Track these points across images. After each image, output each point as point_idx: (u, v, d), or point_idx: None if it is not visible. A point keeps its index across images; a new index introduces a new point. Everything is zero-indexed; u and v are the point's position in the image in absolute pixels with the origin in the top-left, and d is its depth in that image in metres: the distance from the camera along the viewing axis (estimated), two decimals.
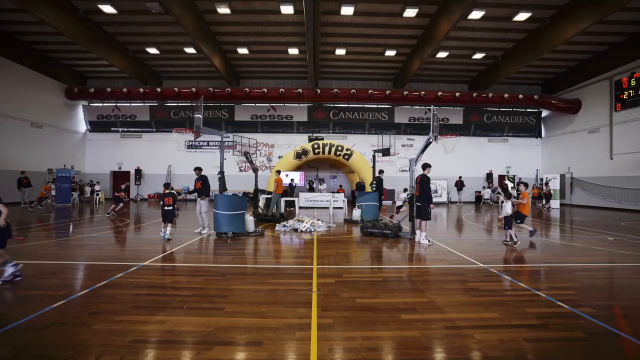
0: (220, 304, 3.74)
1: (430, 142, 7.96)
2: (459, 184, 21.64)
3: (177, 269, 5.24)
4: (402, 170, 23.57)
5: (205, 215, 8.90)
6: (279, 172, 12.25)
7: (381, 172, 12.23)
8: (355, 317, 3.44)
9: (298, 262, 5.83)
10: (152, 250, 6.61)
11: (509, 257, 6.56)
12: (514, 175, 23.61)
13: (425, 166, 7.75)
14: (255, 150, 13.52)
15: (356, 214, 11.21)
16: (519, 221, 7.98)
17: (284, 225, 9.50)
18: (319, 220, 10.09)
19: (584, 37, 16.24)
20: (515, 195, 9.52)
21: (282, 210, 13.12)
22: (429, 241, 7.55)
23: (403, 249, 7.16)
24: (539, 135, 24.27)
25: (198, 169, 9.22)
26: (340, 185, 23.02)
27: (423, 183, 7.62)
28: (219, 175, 8.39)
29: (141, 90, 20.74)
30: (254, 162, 12.02)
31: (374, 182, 11.68)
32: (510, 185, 20.80)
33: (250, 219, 8.58)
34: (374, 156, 11.82)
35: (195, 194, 8.93)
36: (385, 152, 11.66)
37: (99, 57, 18.30)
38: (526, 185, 8.24)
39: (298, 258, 6.26)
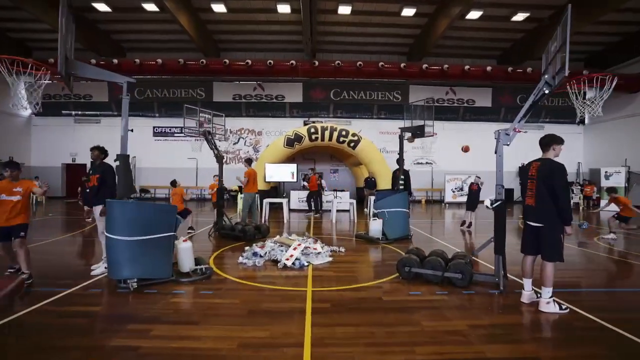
0: None
1: (545, 93, 3.85)
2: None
3: None
4: (418, 163, 19.46)
5: (103, 237, 4.74)
6: (249, 161, 8.10)
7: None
8: None
9: None
10: None
11: None
12: None
13: (552, 141, 3.58)
14: (225, 132, 9.40)
15: (375, 227, 7.09)
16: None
17: (255, 254, 5.36)
18: (316, 241, 5.96)
19: None
20: None
21: (265, 219, 9.07)
22: (560, 307, 3.44)
23: (519, 335, 3.05)
24: (581, 121, 20.16)
25: (97, 150, 5.06)
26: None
27: (553, 177, 3.38)
28: (117, 163, 4.21)
29: (93, 61, 16.42)
30: (218, 146, 7.88)
31: (402, 177, 7.60)
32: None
33: (184, 248, 4.43)
34: (400, 137, 7.69)
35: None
36: (419, 131, 7.52)
37: (36, 18, 14.04)
38: None
39: None
